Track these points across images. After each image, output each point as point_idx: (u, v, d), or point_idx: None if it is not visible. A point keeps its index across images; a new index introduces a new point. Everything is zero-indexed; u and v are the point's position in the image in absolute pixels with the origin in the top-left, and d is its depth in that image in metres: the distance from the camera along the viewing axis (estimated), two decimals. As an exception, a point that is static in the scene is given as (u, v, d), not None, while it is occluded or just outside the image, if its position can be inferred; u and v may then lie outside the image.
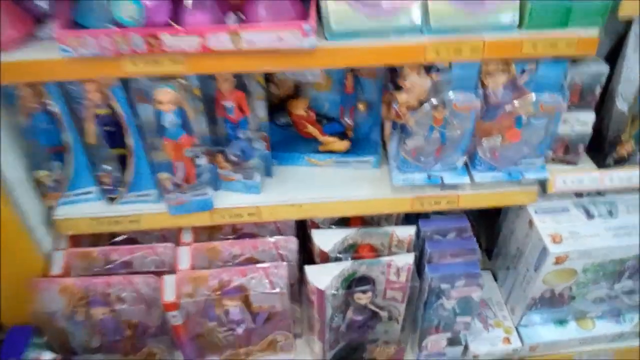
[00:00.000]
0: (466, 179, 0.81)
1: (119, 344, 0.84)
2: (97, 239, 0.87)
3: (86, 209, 0.78)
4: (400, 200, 0.82)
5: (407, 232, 0.86)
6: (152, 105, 0.69)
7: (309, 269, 0.82)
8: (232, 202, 0.80)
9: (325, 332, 0.87)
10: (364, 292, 0.83)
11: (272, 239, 0.84)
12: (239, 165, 0.79)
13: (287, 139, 0.87)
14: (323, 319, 0.84)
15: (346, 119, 0.87)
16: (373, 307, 0.88)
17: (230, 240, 0.85)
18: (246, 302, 0.83)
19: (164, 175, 0.75)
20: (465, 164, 0.81)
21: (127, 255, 0.82)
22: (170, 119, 0.70)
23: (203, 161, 0.77)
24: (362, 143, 0.87)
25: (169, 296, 0.79)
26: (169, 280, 0.80)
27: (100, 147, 0.74)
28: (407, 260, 0.82)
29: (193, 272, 0.80)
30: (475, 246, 0.86)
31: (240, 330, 0.87)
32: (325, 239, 0.85)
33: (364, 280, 0.83)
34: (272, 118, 0.84)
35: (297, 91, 0.86)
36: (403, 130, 0.78)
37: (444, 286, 0.84)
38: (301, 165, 0.86)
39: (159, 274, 0.79)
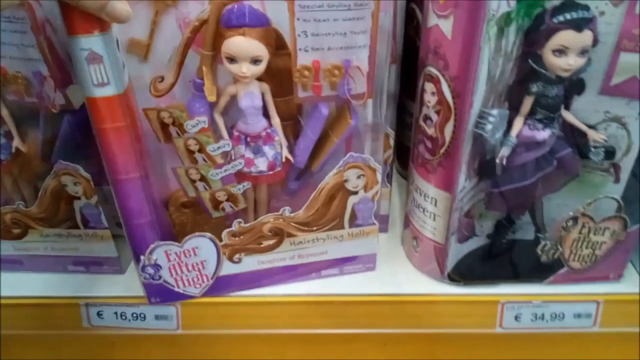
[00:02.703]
0: None
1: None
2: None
3: None
4: None
5: None
6: None
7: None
8: None
9: (462, 154, 0.37)
10: (575, 24, 0.34)
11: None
12: None
13: None
14: (464, 104, 0.36)
15: None
16: (574, 121, 0.38)
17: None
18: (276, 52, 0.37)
19: None
20: None
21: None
22: None
23: None
24: None
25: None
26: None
27: None
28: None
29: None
30: None
31: (262, 165, 0.40)
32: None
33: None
34: None
35: None
36: None
37: None
38: None
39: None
